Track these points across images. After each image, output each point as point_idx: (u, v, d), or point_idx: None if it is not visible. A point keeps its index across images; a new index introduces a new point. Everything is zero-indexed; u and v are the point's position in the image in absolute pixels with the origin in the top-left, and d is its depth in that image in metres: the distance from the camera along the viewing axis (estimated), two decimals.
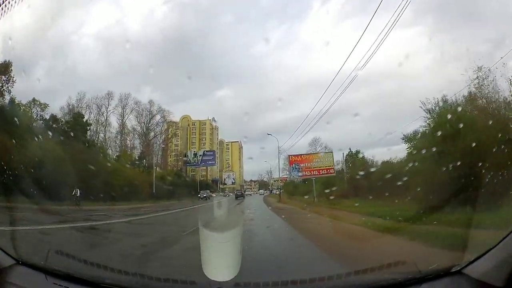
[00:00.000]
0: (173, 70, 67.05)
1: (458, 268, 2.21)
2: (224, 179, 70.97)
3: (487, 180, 6.53)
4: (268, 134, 52.51)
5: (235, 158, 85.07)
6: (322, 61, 64.66)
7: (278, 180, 55.69)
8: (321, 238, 8.47)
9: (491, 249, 2.00)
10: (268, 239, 9.35)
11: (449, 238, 5.51)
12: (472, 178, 7.15)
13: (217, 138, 73.29)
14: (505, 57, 12.37)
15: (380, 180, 13.97)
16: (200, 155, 60.43)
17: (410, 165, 12.95)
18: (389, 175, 12.49)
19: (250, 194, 57.26)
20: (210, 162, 61.71)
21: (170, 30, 67.82)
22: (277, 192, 54.48)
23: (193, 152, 61.64)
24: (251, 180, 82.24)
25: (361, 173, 22.06)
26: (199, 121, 67.07)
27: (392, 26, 12.45)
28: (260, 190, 67.43)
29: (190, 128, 67.18)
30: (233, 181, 71.01)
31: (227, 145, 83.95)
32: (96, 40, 63.12)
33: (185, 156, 60.91)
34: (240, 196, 42.85)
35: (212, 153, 62.40)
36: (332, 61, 62.16)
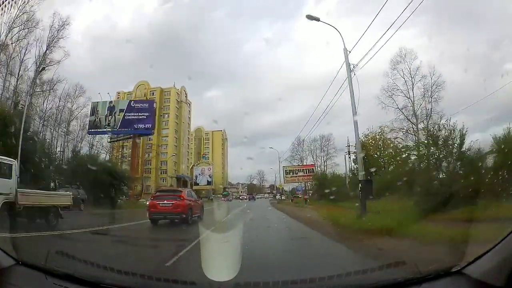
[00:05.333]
0: (164, 69, 65.65)
1: (458, 268, 2.21)
2: (196, 177, 51.33)
3: None
4: (270, 148, 51.01)
5: (217, 152, 61.79)
6: (317, 61, 64.16)
7: (292, 172, 35.62)
8: None
9: (491, 249, 2.00)
10: None
11: None
12: None
13: (189, 117, 52.91)
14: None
15: None
16: (122, 110, 33.60)
17: None
18: None
19: (260, 198, 56.79)
20: (141, 125, 33.71)
21: (160, 25, 67.21)
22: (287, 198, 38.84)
23: (107, 105, 34.36)
24: (238, 183, 65.96)
25: None
26: (161, 88, 47.79)
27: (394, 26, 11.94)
28: (266, 195, 58.42)
29: (147, 99, 46.09)
30: (210, 179, 51.17)
31: (206, 134, 60.89)
32: (84, 36, 62.09)
33: (92, 114, 33.87)
34: (252, 198, 51.50)
35: (147, 105, 35.18)
36: (325, 61, 62.25)
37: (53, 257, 3.17)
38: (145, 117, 34.31)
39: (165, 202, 12.73)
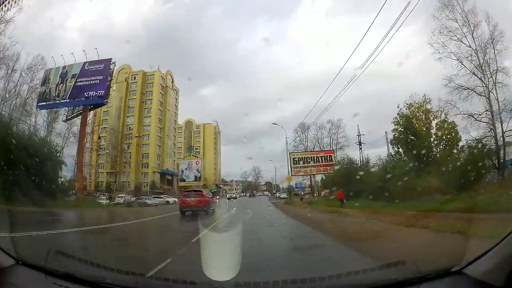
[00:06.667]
0: (163, 68, 64.22)
1: (458, 268, 2.21)
2: (182, 171, 46.77)
3: None
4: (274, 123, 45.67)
5: (209, 146, 57.55)
6: (316, 60, 63.56)
7: (303, 161, 27.30)
8: None
9: (491, 249, 2.01)
10: None
11: None
12: None
13: (176, 105, 48.32)
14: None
15: None
16: (74, 76, 25.85)
17: None
18: None
19: (261, 195, 55.08)
20: (92, 93, 25.61)
21: (158, 25, 66.38)
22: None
23: (60, 71, 26.65)
24: (232, 180, 62.37)
25: None
26: (143, 72, 43.12)
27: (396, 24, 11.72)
28: (266, 192, 55.61)
29: (128, 84, 43.03)
30: (198, 174, 46.48)
31: (197, 126, 57.21)
32: (80, 33, 61.15)
33: (43, 83, 26.71)
34: (252, 196, 52.70)
35: (102, 66, 26.34)
36: (322, 60, 61.90)
37: (53, 257, 3.17)
38: (98, 81, 25.59)
39: (192, 199, 17.13)
